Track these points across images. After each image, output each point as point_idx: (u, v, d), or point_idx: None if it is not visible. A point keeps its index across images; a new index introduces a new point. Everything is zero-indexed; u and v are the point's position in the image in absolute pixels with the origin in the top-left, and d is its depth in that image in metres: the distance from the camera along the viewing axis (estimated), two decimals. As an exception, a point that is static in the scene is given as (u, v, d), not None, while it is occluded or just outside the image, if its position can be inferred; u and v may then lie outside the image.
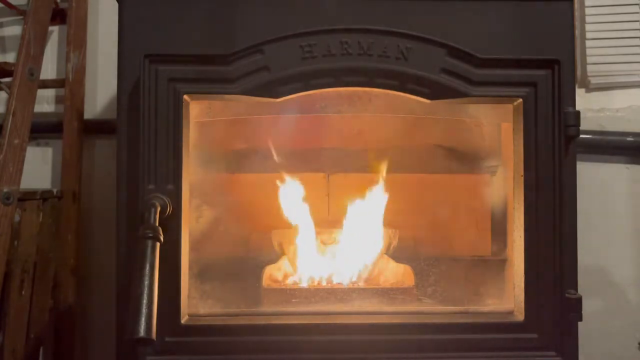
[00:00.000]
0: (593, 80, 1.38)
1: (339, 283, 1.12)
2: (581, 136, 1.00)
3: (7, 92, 1.26)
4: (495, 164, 1.11)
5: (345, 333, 0.95)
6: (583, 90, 1.39)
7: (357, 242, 1.15)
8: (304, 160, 1.20)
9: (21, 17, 1.37)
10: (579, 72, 1.38)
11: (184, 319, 0.95)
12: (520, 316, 0.97)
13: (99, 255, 1.42)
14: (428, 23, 0.97)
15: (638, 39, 1.36)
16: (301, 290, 1.08)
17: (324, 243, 1.17)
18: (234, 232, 1.15)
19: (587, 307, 0.96)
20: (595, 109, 1.39)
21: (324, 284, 1.12)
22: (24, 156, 1.16)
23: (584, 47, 1.38)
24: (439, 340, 0.95)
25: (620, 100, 1.39)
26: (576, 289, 0.96)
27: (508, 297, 1.02)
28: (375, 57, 0.96)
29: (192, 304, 0.99)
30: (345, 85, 0.97)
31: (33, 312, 1.22)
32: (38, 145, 1.45)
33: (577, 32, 1.36)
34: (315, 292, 1.06)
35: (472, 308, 1.02)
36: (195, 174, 1.01)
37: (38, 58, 1.21)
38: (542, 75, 0.96)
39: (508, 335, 0.96)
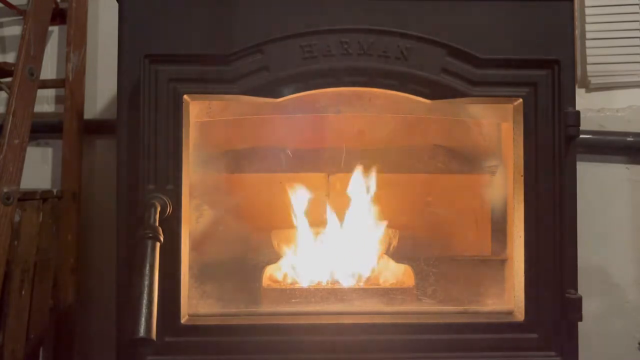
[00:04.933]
0: (593, 80, 1.38)
1: (338, 282, 1.12)
2: (581, 136, 1.00)
3: (7, 92, 1.26)
4: (495, 164, 1.11)
5: (345, 333, 0.95)
6: (583, 90, 1.39)
7: (357, 242, 1.15)
8: (304, 160, 1.20)
9: (21, 17, 1.37)
10: (579, 72, 1.38)
11: (184, 319, 0.95)
12: (520, 316, 0.97)
13: (99, 255, 1.42)
14: (428, 23, 0.97)
15: (638, 39, 1.36)
16: (301, 290, 1.08)
17: (323, 243, 1.17)
18: (234, 232, 1.15)
19: (587, 307, 0.96)
20: (595, 109, 1.39)
21: (323, 284, 1.12)
22: (24, 156, 1.16)
23: (584, 47, 1.38)
24: (439, 340, 0.95)
25: (620, 100, 1.39)
26: (576, 289, 0.96)
27: (508, 297, 1.02)
28: (375, 57, 0.96)
29: (192, 304, 0.99)
30: (345, 85, 0.97)
31: (33, 312, 1.22)
32: (38, 145, 1.45)
33: (577, 32, 1.36)
34: (315, 292, 1.06)
35: (472, 308, 1.02)
36: (195, 174, 1.01)
37: (38, 58, 1.21)
38: (542, 75, 0.97)
39: (508, 335, 0.96)
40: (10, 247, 1.12)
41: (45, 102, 1.47)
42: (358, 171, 1.16)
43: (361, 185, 1.16)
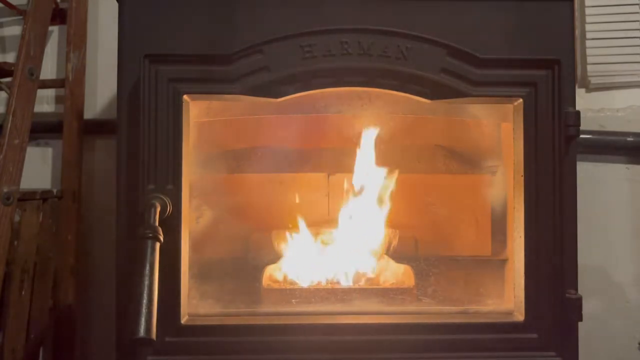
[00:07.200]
0: (593, 80, 1.38)
1: (338, 283, 1.12)
2: (581, 136, 1.00)
3: (7, 92, 1.26)
4: (495, 164, 1.11)
5: (345, 333, 0.95)
6: (583, 90, 1.39)
7: (357, 242, 1.15)
8: (304, 160, 1.20)
9: (21, 17, 1.37)
10: (579, 72, 1.38)
11: (184, 319, 0.95)
12: (520, 316, 0.97)
13: (99, 255, 1.42)
14: (428, 23, 0.97)
15: (638, 39, 1.36)
16: (301, 290, 1.08)
17: (324, 243, 1.17)
18: (234, 232, 1.15)
19: (587, 307, 0.96)
20: (595, 109, 1.39)
21: (323, 284, 1.12)
22: (24, 156, 1.16)
23: (584, 47, 1.38)
24: (439, 340, 0.95)
25: (620, 100, 1.39)
26: (576, 289, 0.96)
27: (508, 297, 1.02)
28: (375, 57, 0.96)
29: (192, 304, 0.99)
30: (345, 85, 0.97)
31: (33, 312, 1.22)
32: (38, 145, 1.45)
33: (577, 32, 1.36)
34: (315, 292, 1.06)
35: (472, 308, 1.02)
36: (195, 174, 1.01)
37: (38, 58, 1.21)
38: (542, 75, 0.96)
39: (508, 336, 0.96)
40: (10, 247, 1.12)
41: (45, 102, 1.47)
42: (359, 171, 1.16)
43: (361, 185, 1.16)
